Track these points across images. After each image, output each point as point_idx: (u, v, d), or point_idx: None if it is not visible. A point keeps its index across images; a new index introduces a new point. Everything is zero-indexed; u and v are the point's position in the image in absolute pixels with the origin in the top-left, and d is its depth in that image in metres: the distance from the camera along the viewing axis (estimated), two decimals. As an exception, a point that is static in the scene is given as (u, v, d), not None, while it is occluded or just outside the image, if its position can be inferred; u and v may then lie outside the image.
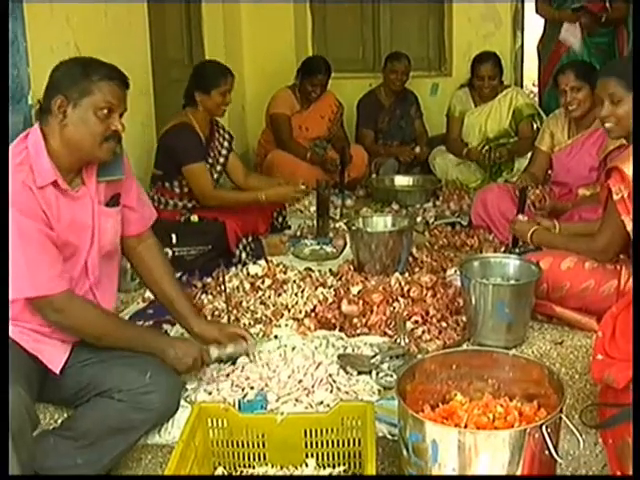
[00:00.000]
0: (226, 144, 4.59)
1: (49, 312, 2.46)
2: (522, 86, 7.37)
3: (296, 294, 3.58)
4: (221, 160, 4.56)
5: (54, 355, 2.53)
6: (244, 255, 4.26)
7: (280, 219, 4.90)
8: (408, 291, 3.50)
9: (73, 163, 2.52)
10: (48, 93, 2.47)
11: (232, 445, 2.43)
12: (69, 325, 2.52)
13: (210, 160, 4.46)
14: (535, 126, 5.88)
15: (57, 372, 2.52)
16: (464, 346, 3.14)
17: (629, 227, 2.79)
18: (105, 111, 2.46)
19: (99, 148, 2.50)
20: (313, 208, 4.80)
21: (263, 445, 2.41)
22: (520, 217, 3.62)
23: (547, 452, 2.03)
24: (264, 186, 4.56)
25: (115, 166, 2.65)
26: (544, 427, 2.02)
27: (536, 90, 7.24)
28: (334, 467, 2.40)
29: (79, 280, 2.60)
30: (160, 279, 2.92)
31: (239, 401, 2.62)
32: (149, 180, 4.51)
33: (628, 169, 2.77)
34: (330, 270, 4.00)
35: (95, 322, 2.54)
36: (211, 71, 4.44)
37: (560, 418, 2.11)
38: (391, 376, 2.83)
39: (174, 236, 4.16)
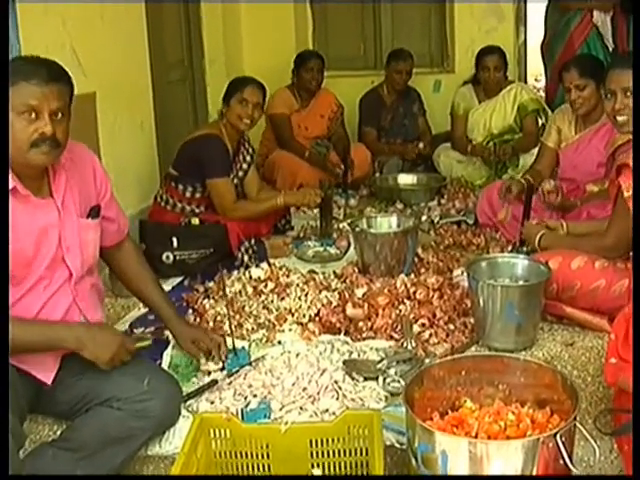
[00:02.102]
0: (248, 158, 4.58)
1: None
2: (526, 81, 7.30)
3: (300, 298, 3.51)
4: (240, 174, 4.54)
5: (43, 367, 2.45)
6: (246, 258, 4.19)
7: (283, 220, 4.83)
8: (414, 293, 3.43)
9: (22, 169, 2.37)
10: None
11: (235, 456, 2.37)
12: None
13: (232, 174, 4.44)
14: (540, 122, 5.82)
15: (49, 383, 2.45)
16: (472, 349, 3.08)
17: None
18: (29, 115, 2.30)
19: (28, 153, 2.34)
20: (316, 209, 4.73)
21: (267, 456, 2.35)
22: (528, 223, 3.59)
23: (561, 461, 1.96)
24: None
25: None
26: (558, 436, 1.95)
27: (539, 85, 7.15)
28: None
29: (61, 296, 2.50)
30: (139, 283, 2.89)
31: (242, 410, 2.55)
32: (153, 178, 4.48)
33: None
34: (334, 272, 3.94)
35: None
36: (234, 82, 4.44)
37: (574, 425, 2.04)
38: (398, 382, 2.76)
39: (175, 239, 4.10)
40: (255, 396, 2.66)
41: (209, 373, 2.86)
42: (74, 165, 2.54)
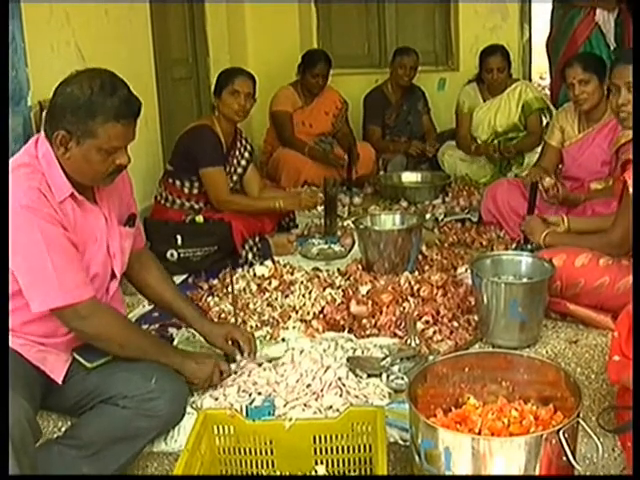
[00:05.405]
0: (247, 155, 4.54)
1: (73, 319, 2.39)
2: (530, 79, 7.30)
3: (304, 295, 3.52)
4: (239, 170, 4.50)
5: (56, 365, 2.48)
6: (251, 255, 4.19)
7: (287, 218, 4.83)
8: (418, 290, 3.44)
9: (76, 180, 2.44)
10: (51, 117, 2.37)
11: (239, 452, 2.38)
12: (93, 333, 2.45)
13: (228, 168, 4.41)
14: (545, 121, 5.81)
15: (59, 382, 2.48)
16: (476, 346, 3.08)
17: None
18: (112, 152, 2.38)
19: (101, 181, 2.47)
20: (321, 206, 4.73)
21: (271, 452, 2.36)
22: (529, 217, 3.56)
23: (564, 458, 1.97)
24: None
25: None
26: (561, 432, 1.95)
27: (544, 83, 7.12)
28: (344, 474, 2.34)
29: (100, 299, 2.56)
30: (162, 291, 2.90)
31: (246, 407, 2.54)
32: (158, 176, 4.49)
33: None
34: (338, 270, 3.94)
35: (119, 330, 2.48)
36: (224, 74, 4.40)
37: (577, 422, 2.04)
38: (402, 379, 2.77)
39: (179, 237, 4.11)
40: (259, 393, 2.67)
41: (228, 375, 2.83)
42: None
